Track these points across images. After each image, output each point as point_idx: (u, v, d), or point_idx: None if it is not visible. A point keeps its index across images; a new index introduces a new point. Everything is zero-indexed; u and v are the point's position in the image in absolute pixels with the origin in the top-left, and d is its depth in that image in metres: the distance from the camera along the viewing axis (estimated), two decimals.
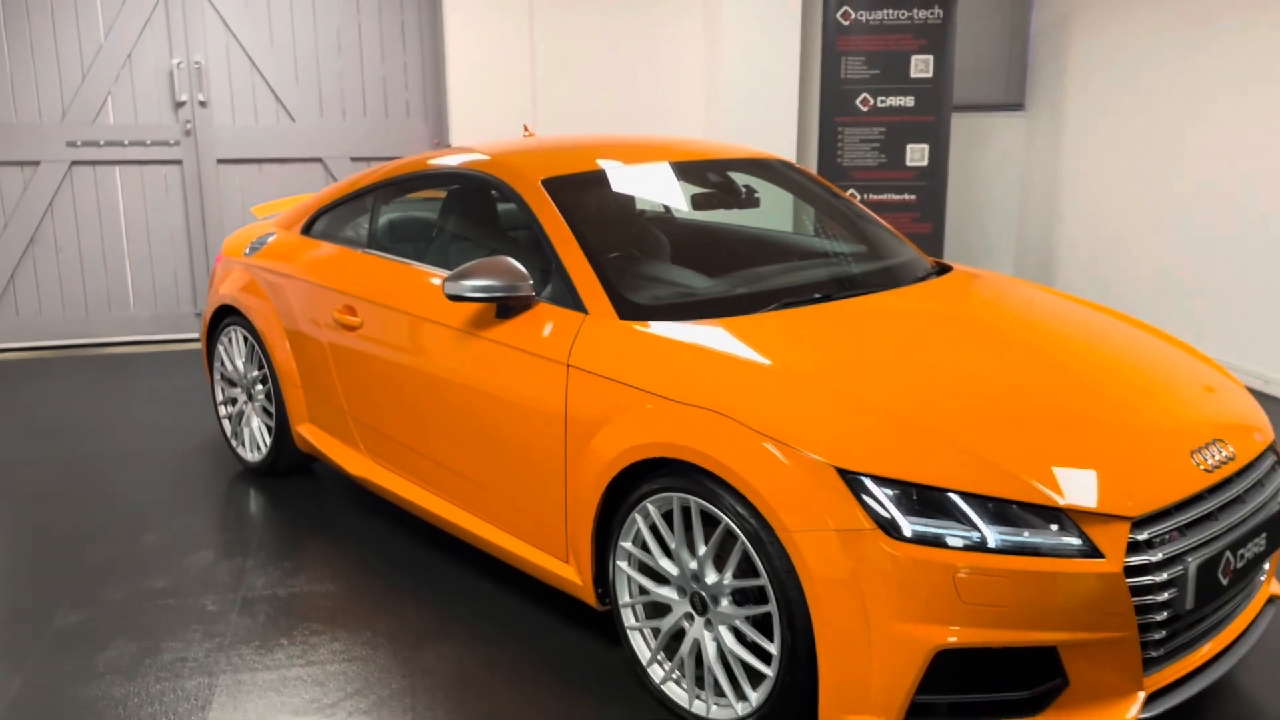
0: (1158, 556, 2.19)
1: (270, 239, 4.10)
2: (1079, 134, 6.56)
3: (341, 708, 2.64)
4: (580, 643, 2.93)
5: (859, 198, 6.47)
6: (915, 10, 6.23)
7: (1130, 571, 2.16)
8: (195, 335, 6.34)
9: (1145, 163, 6.00)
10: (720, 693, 2.48)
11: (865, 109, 6.37)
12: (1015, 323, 2.98)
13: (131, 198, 6.13)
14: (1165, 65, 5.79)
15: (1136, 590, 2.17)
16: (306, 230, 3.98)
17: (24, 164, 5.97)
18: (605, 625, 2.98)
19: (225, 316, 4.19)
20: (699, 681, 2.53)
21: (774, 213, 3.83)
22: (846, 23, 6.29)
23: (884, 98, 6.34)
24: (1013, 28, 7.01)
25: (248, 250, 4.14)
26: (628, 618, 2.68)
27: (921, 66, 6.28)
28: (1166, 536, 2.23)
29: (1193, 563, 2.24)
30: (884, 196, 6.46)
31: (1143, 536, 2.19)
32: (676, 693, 2.58)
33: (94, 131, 5.99)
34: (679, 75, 6.56)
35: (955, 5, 6.20)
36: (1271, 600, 2.71)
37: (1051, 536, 2.15)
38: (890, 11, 6.25)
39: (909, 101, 6.33)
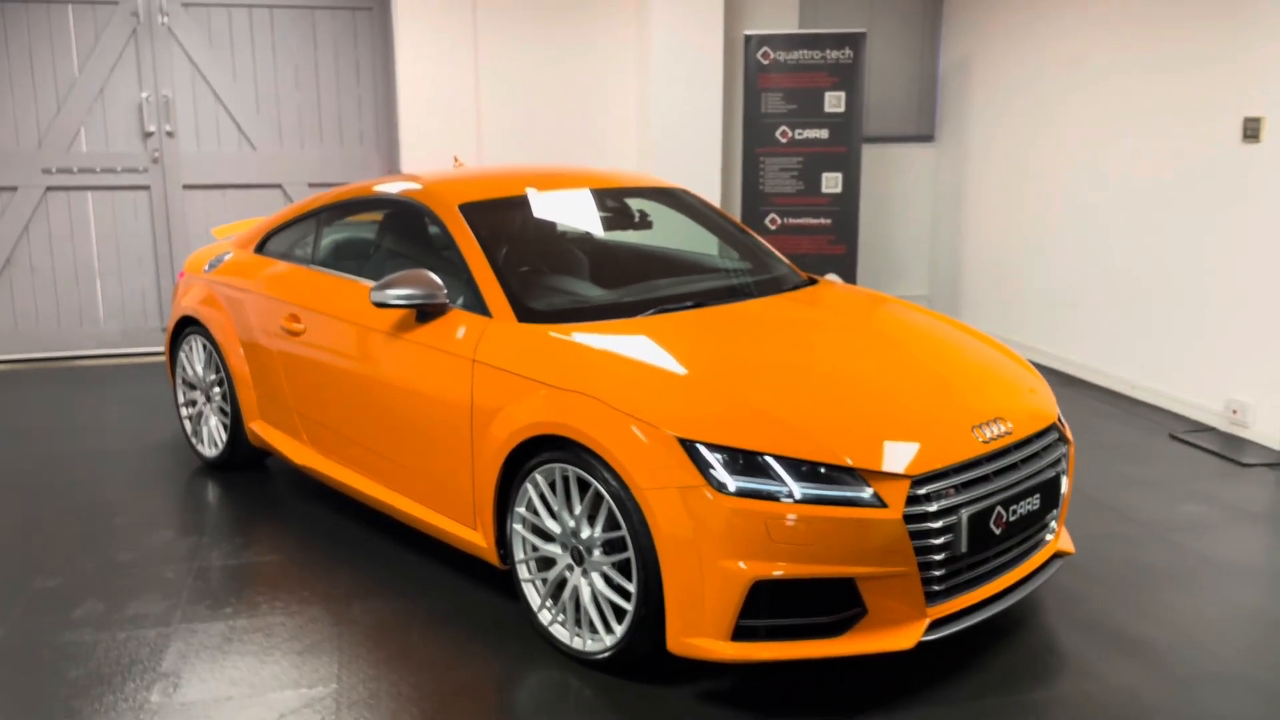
0: (934, 507, 2.73)
1: (227, 257, 4.59)
2: (980, 163, 7.18)
3: (279, 649, 3.12)
4: (485, 598, 3.43)
5: (780, 221, 7.05)
6: (828, 51, 6.83)
7: (910, 519, 2.69)
8: (161, 348, 6.81)
9: (1033, 188, 6.62)
10: (594, 629, 2.98)
11: (784, 140, 6.95)
12: (852, 323, 3.54)
13: (102, 221, 6.60)
14: (1046, 100, 6.42)
15: (916, 534, 2.70)
16: (259, 249, 4.48)
17: (1, 189, 6.43)
18: (506, 585, 3.48)
19: (186, 326, 4.66)
20: (578, 622, 3.04)
21: (673, 233, 4.35)
22: (766, 62, 6.89)
23: (801, 130, 6.93)
24: (922, 67, 7.65)
25: (207, 267, 4.63)
26: (522, 572, 3.18)
27: (834, 102, 6.87)
28: (944, 492, 2.77)
29: (965, 514, 2.78)
30: (802, 220, 7.03)
31: (922, 491, 2.73)
32: (560, 632, 3.08)
33: (68, 159, 6.47)
34: (614, 109, 7.13)
35: (865, 47, 6.80)
36: (1058, 555, 3.26)
37: (846, 490, 2.68)
38: (806, 52, 6.85)
39: (823, 134, 6.92)
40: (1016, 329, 6.85)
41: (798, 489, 2.67)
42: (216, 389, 4.52)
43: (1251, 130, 4.97)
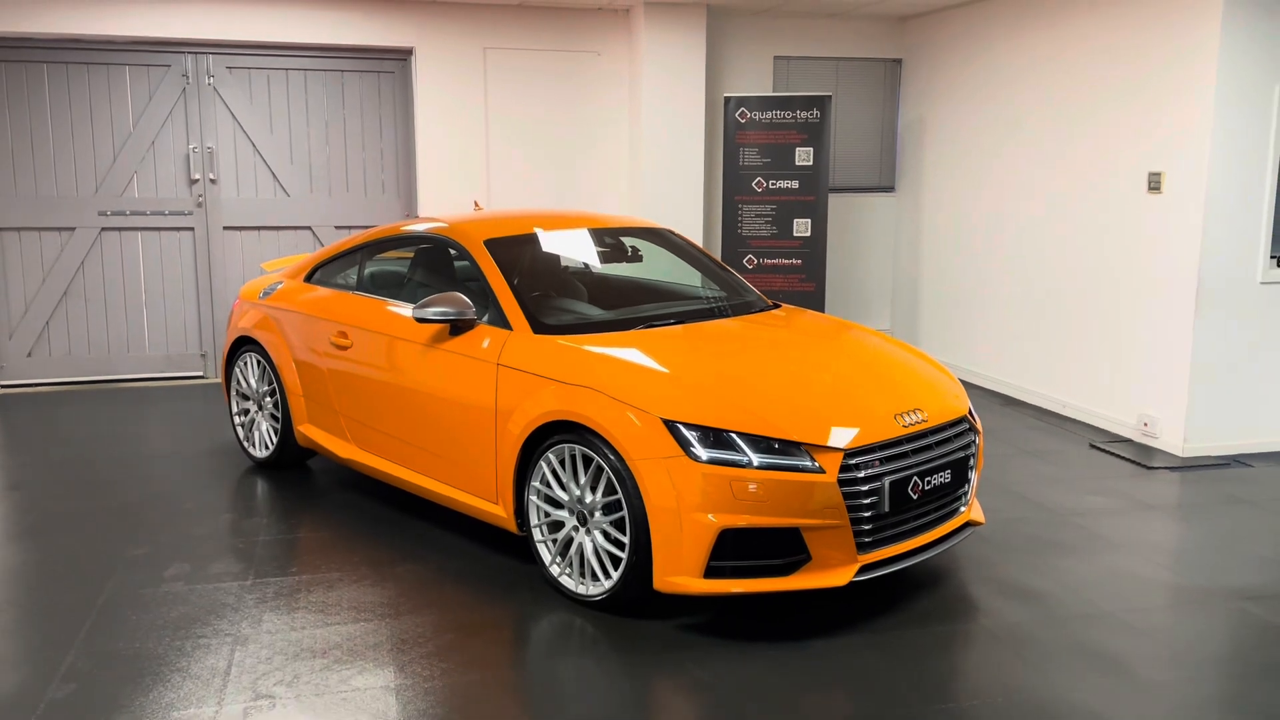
0: (862, 474, 3.50)
1: (279, 286, 5.37)
2: (934, 210, 8.05)
3: (339, 595, 3.85)
4: (504, 562, 4.18)
5: (756, 261, 7.87)
6: (798, 112, 7.71)
7: (842, 483, 3.45)
8: (200, 372, 7.55)
9: (977, 232, 7.48)
10: (595, 577, 3.73)
11: (759, 190, 7.80)
12: (805, 338, 4.32)
13: (150, 258, 7.38)
14: (988, 154, 7.29)
15: (848, 495, 3.46)
16: (308, 279, 5.26)
17: (61, 229, 7.21)
18: (521, 551, 4.22)
19: (242, 346, 5.42)
20: (581, 573, 3.78)
21: (660, 266, 5.15)
22: (743, 121, 7.76)
23: (774, 181, 7.78)
24: (883, 125, 8.54)
25: (261, 295, 5.40)
26: (536, 534, 3.93)
27: (804, 157, 7.74)
28: (870, 464, 3.54)
29: (887, 481, 3.54)
30: (776, 261, 7.86)
31: (853, 462, 3.50)
32: (567, 581, 3.82)
33: (121, 203, 7.26)
34: (608, 160, 7.99)
35: (831, 108, 7.68)
36: (970, 524, 4.02)
37: (793, 460, 3.44)
38: (778, 112, 7.73)
39: (794, 184, 7.77)
40: (967, 357, 7.67)
41: (756, 458, 3.44)
42: (269, 398, 5.27)
43: (1154, 182, 5.83)
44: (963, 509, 3.99)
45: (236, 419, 5.52)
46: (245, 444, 5.47)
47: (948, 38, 7.81)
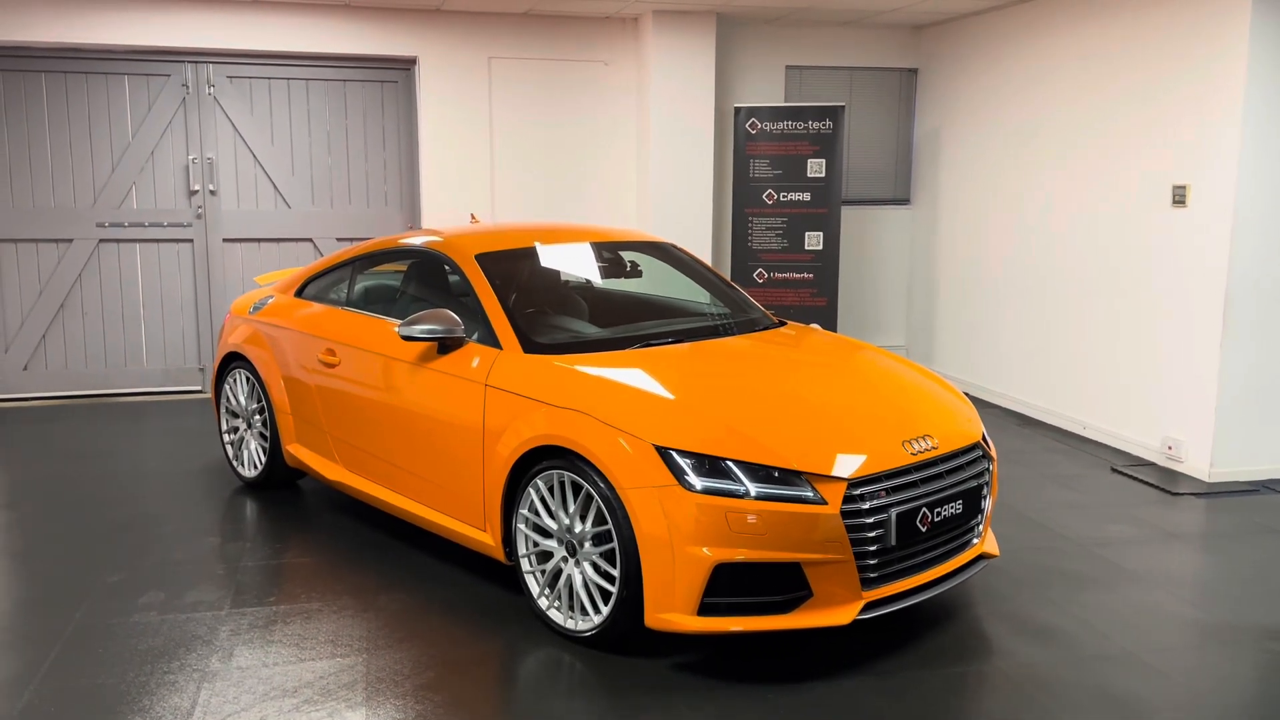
0: (866, 506, 3.28)
1: (270, 301, 5.21)
2: (950, 224, 7.82)
3: (317, 628, 3.67)
4: (491, 591, 3.98)
5: (766, 275, 7.67)
6: (810, 122, 7.51)
7: (846, 515, 3.24)
8: (199, 387, 7.41)
9: (994, 246, 7.25)
10: (584, 611, 3.53)
11: (770, 202, 7.60)
12: (809, 357, 4.12)
13: (149, 270, 7.25)
14: (1005, 167, 7.07)
15: (852, 528, 3.25)
16: (299, 293, 5.10)
17: (59, 241, 7.09)
18: (509, 580, 4.03)
19: (231, 362, 5.26)
20: (570, 606, 3.58)
21: (661, 280, 4.96)
22: (754, 132, 7.57)
23: (785, 193, 7.58)
24: (898, 136, 8.33)
25: (251, 309, 5.25)
26: (525, 564, 3.73)
27: (816, 168, 7.53)
28: (876, 494, 3.33)
29: (894, 513, 3.33)
30: (787, 275, 7.65)
31: (857, 492, 3.29)
32: (556, 615, 3.62)
33: (120, 215, 7.14)
34: (615, 172, 7.81)
35: (844, 119, 7.48)
36: (984, 556, 3.80)
37: (793, 490, 3.24)
38: (790, 123, 7.53)
39: (806, 197, 7.57)
40: (985, 375, 7.43)
41: (753, 488, 3.23)
42: (257, 416, 5.10)
43: (1179, 196, 5.60)
44: (975, 541, 3.77)
45: (226, 437, 5.36)
46: (234, 463, 5.30)
47: (965, 47, 7.60)
